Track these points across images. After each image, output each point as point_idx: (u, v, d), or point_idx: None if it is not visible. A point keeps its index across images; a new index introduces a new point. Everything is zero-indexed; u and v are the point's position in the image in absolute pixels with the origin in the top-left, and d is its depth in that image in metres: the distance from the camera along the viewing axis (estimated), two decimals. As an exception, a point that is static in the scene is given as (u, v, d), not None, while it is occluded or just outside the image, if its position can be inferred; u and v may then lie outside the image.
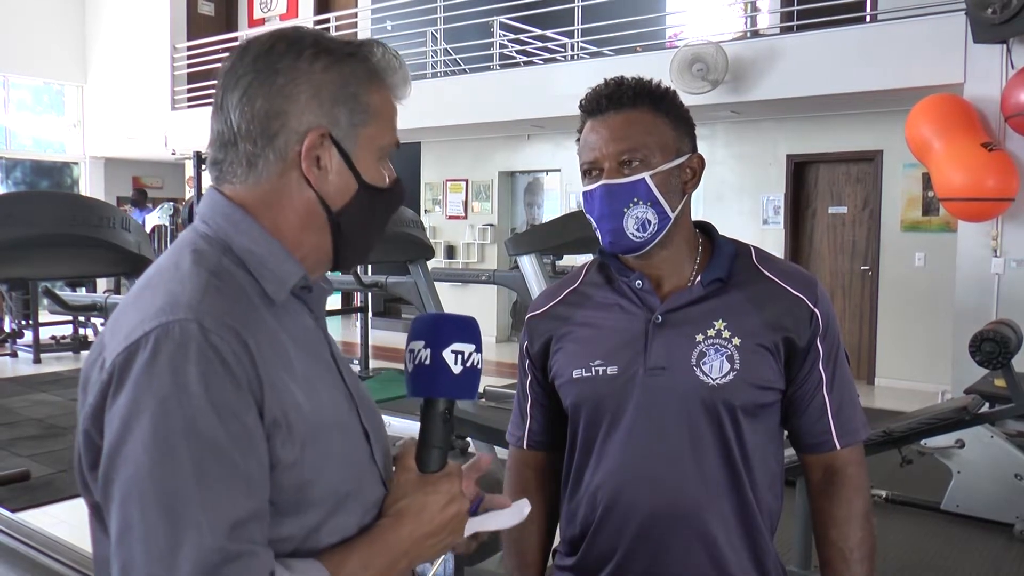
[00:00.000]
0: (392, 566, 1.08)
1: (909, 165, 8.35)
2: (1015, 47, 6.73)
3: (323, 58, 1.07)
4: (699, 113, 9.05)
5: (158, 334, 0.95)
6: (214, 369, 0.95)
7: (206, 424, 0.93)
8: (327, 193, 1.08)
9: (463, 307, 11.11)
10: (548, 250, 5.02)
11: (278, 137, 1.06)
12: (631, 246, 1.47)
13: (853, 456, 1.52)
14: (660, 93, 1.50)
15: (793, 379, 1.49)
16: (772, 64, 7.92)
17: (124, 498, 0.93)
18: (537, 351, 1.60)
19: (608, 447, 1.48)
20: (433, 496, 1.12)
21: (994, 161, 6.61)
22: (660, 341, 1.46)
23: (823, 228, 9.53)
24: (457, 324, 1.17)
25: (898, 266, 8.88)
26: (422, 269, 4.82)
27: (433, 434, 1.14)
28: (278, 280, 1.07)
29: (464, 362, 1.14)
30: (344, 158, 1.08)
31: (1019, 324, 4.80)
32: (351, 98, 1.08)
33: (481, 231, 11.99)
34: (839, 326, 1.54)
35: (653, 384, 1.45)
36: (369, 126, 1.10)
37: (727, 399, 1.43)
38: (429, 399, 1.15)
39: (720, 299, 1.48)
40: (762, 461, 1.48)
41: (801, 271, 1.55)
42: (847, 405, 1.52)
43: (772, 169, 9.62)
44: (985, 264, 7.03)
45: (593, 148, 1.47)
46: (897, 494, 5.15)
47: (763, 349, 1.45)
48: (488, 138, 11.65)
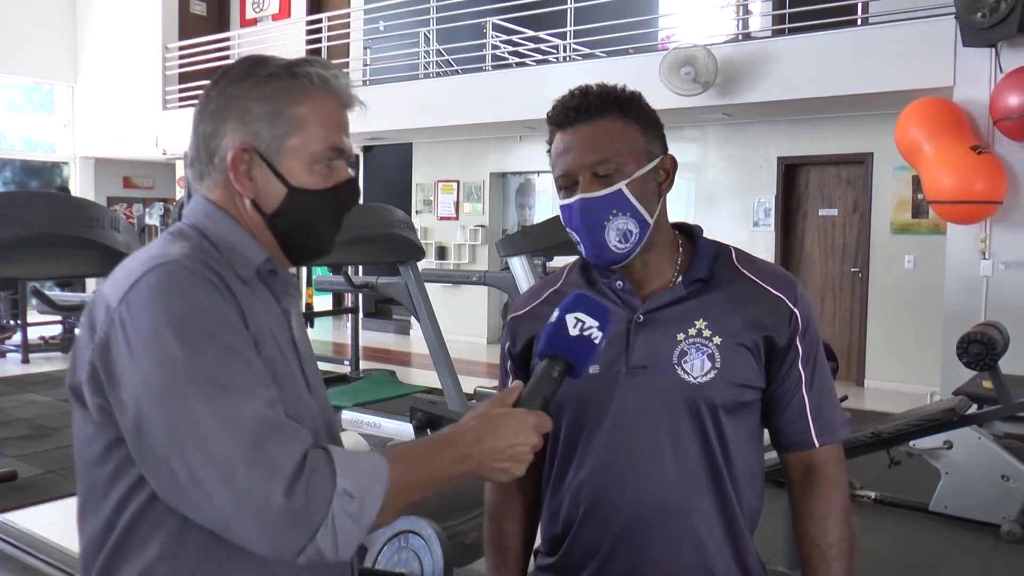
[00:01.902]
0: (455, 465, 1.18)
1: (899, 168, 8.39)
2: (1004, 51, 6.78)
3: (248, 81, 1.24)
4: (690, 115, 9.15)
5: (157, 272, 1.12)
6: (210, 291, 1.12)
7: (218, 329, 1.10)
8: (260, 198, 1.25)
9: (454, 308, 11.13)
10: (539, 251, 5.03)
11: (216, 155, 1.25)
12: (615, 258, 1.48)
13: (832, 454, 1.54)
14: (627, 99, 1.50)
15: (773, 378, 1.50)
16: (763, 67, 7.95)
17: (164, 398, 1.06)
18: (519, 351, 1.61)
19: (591, 446, 1.49)
20: (512, 417, 1.22)
21: (983, 164, 6.65)
22: (642, 341, 1.48)
23: (814, 230, 9.56)
24: (590, 301, 1.31)
25: (888, 268, 8.92)
26: (412, 270, 4.83)
27: (543, 385, 1.26)
28: (245, 260, 1.24)
29: (583, 330, 1.27)
30: (270, 167, 1.24)
31: (1007, 326, 4.83)
32: (273, 114, 1.23)
33: (472, 232, 12.00)
34: (819, 326, 1.56)
35: (635, 383, 1.47)
36: (295, 136, 1.24)
37: (708, 398, 1.45)
38: (550, 356, 1.27)
39: (701, 299, 1.50)
40: (743, 459, 1.49)
41: (781, 271, 1.57)
42: (826, 404, 1.53)
43: (763, 171, 9.65)
44: (974, 266, 7.07)
45: (566, 160, 1.47)
46: (886, 495, 5.18)
47: (743, 348, 1.47)
48: (480, 139, 11.66)
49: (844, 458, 1.58)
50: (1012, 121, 6.54)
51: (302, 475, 1.04)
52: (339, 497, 1.06)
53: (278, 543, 1.04)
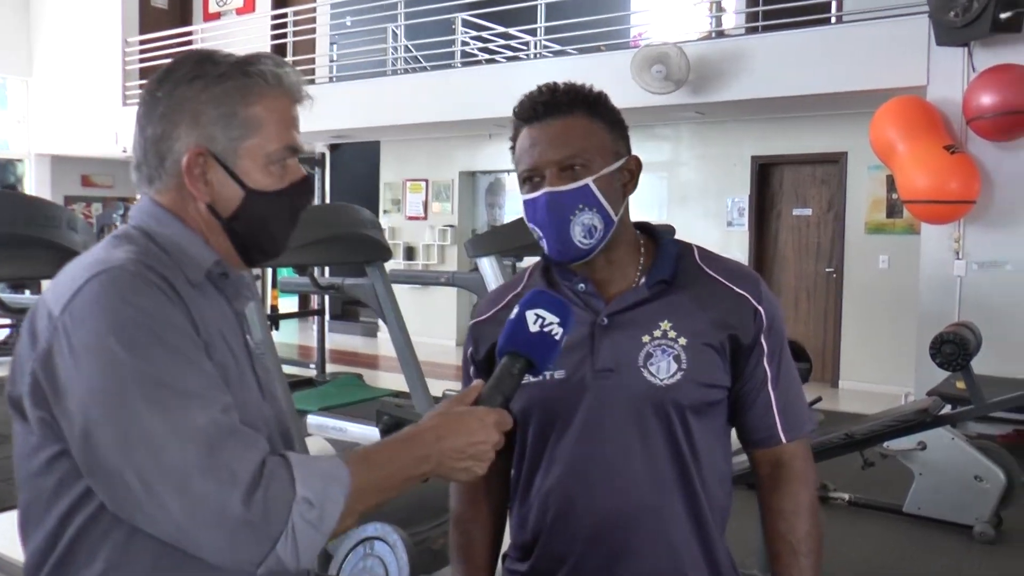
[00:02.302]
0: (416, 465, 1.19)
1: (874, 167, 8.49)
2: (976, 50, 6.88)
3: (198, 82, 1.22)
4: (663, 113, 9.21)
5: (101, 278, 1.10)
6: (156, 295, 1.11)
7: (166, 334, 1.09)
8: (216, 203, 1.25)
9: (423, 310, 11.11)
10: (508, 252, 5.02)
11: (167, 160, 1.23)
12: (578, 254, 1.50)
13: (799, 450, 1.57)
14: (594, 98, 1.52)
15: (739, 376, 1.53)
16: (737, 65, 8.02)
17: (113, 406, 1.04)
18: (483, 357, 1.62)
19: (558, 451, 1.51)
20: (472, 416, 1.24)
21: (956, 164, 6.74)
22: (607, 343, 1.49)
23: (788, 230, 9.66)
24: (550, 297, 1.34)
25: (862, 268, 9.03)
26: (380, 271, 4.81)
27: (503, 382, 1.28)
28: (195, 264, 1.23)
29: (543, 327, 1.29)
30: (227, 170, 1.23)
31: (980, 326, 4.91)
32: (227, 115, 1.22)
33: (441, 232, 11.99)
34: (784, 322, 1.59)
35: (601, 386, 1.48)
36: (251, 137, 1.24)
37: (675, 399, 1.47)
38: (510, 353, 1.28)
39: (665, 300, 1.52)
40: (711, 459, 1.52)
41: (744, 268, 1.59)
42: (792, 400, 1.57)
43: (737, 170, 9.73)
44: (948, 266, 7.17)
45: (532, 156, 1.48)
46: (859, 497, 5.24)
47: (709, 348, 1.49)
48: (449, 137, 11.66)
49: (811, 453, 1.61)
50: (985, 120, 6.64)
51: (260, 483, 1.04)
52: (299, 505, 1.06)
53: (238, 553, 1.04)
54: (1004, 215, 6.94)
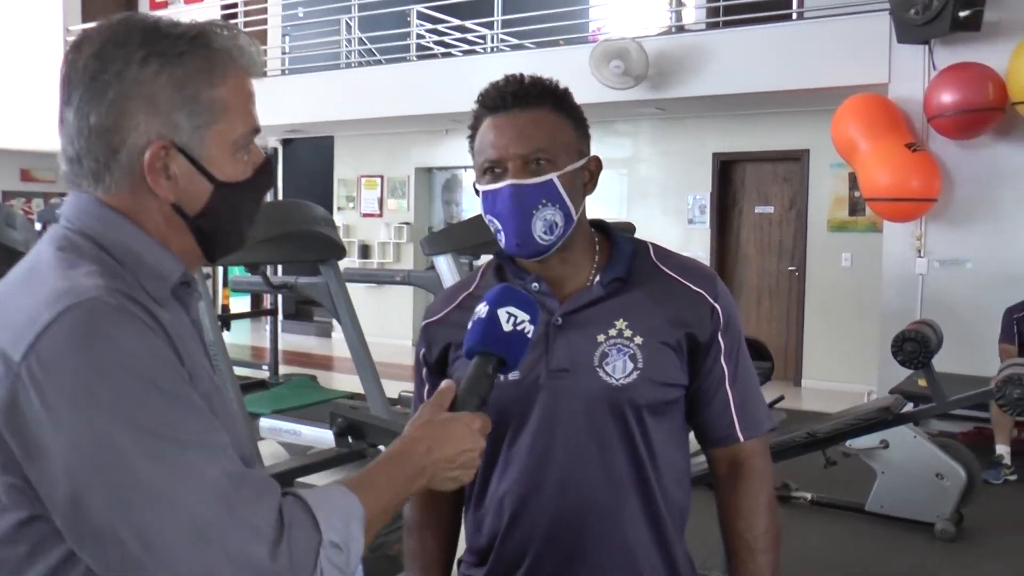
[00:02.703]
0: (412, 482, 1.16)
1: (836, 165, 8.61)
2: (937, 48, 7.02)
3: (153, 61, 1.07)
4: (622, 109, 9.26)
5: (74, 314, 0.96)
6: (141, 331, 0.99)
7: (158, 375, 0.98)
8: (181, 200, 1.11)
9: (378, 309, 11.08)
10: (465, 250, 5.02)
11: (120, 153, 1.07)
12: (538, 249, 1.49)
13: (757, 448, 1.59)
14: (562, 93, 1.53)
15: (696, 374, 1.54)
16: (698, 61, 8.10)
17: (108, 465, 0.93)
18: (435, 359, 1.62)
19: (513, 453, 1.51)
20: (459, 423, 1.22)
21: (918, 162, 6.87)
22: (561, 343, 1.50)
23: (750, 228, 9.76)
24: (519, 295, 1.33)
25: (825, 266, 9.15)
26: (334, 270, 4.80)
27: (478, 384, 1.27)
28: (158, 277, 1.10)
29: (516, 324, 1.29)
30: (192, 163, 1.10)
31: (941, 324, 5.00)
32: (190, 100, 1.08)
33: (397, 230, 11.97)
34: (741, 320, 1.60)
35: (556, 387, 1.49)
36: (217, 123, 1.11)
37: (632, 398, 1.48)
38: (481, 354, 1.28)
39: (620, 298, 1.52)
40: (668, 458, 1.53)
41: (700, 266, 1.61)
42: (750, 398, 1.59)
43: (698, 167, 9.82)
44: (910, 264, 7.30)
45: (497, 146, 1.48)
46: (822, 496, 5.32)
47: (665, 346, 1.50)
48: (404, 132, 11.64)
49: (769, 452, 1.63)
50: (946, 119, 6.77)
51: (283, 533, 0.99)
52: (326, 550, 1.01)
53: None
54: (964, 213, 7.08)
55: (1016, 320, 6.40)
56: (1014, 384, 4.16)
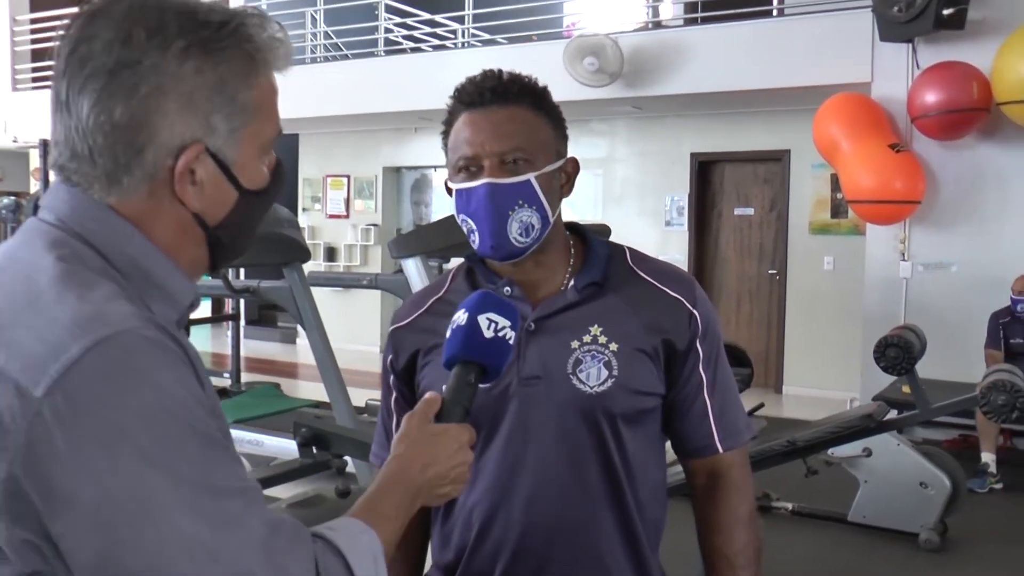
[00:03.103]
0: (412, 503, 1.16)
1: (818, 166, 8.69)
2: (920, 47, 7.09)
3: (195, 55, 0.99)
4: (598, 108, 9.29)
5: (108, 349, 0.89)
6: (178, 367, 0.93)
7: (195, 418, 0.92)
8: (204, 209, 1.04)
9: (344, 314, 11.04)
10: (435, 253, 5.01)
11: (144, 153, 0.99)
12: (512, 252, 1.50)
13: (736, 459, 1.60)
14: (541, 91, 1.53)
15: (674, 383, 1.55)
16: (676, 58, 8.14)
17: (148, 520, 0.88)
18: (403, 366, 1.62)
19: (483, 464, 1.50)
20: (448, 437, 1.21)
21: (901, 163, 6.94)
22: (534, 349, 1.50)
23: (729, 230, 9.83)
24: (498, 300, 1.33)
25: (806, 270, 9.22)
26: (298, 273, 4.78)
27: (462, 393, 1.27)
28: (169, 299, 1.03)
29: (497, 331, 1.28)
30: (223, 169, 1.03)
31: (926, 329, 5.07)
32: (229, 101, 1.02)
33: (364, 231, 11.94)
34: (719, 326, 1.61)
35: (528, 395, 1.49)
36: (250, 125, 1.05)
37: (606, 407, 1.48)
38: (463, 362, 1.28)
39: (595, 303, 1.53)
40: (644, 469, 1.54)
41: (678, 271, 1.61)
42: (729, 407, 1.59)
43: (676, 168, 9.87)
44: (893, 268, 7.38)
45: (473, 143, 1.48)
46: (803, 506, 5.35)
47: (641, 354, 1.50)
48: (372, 130, 11.63)
49: (748, 463, 1.64)
50: (930, 119, 6.85)
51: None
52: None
53: None
54: (949, 215, 7.16)
55: (1002, 325, 6.49)
56: (998, 390, 4.22)
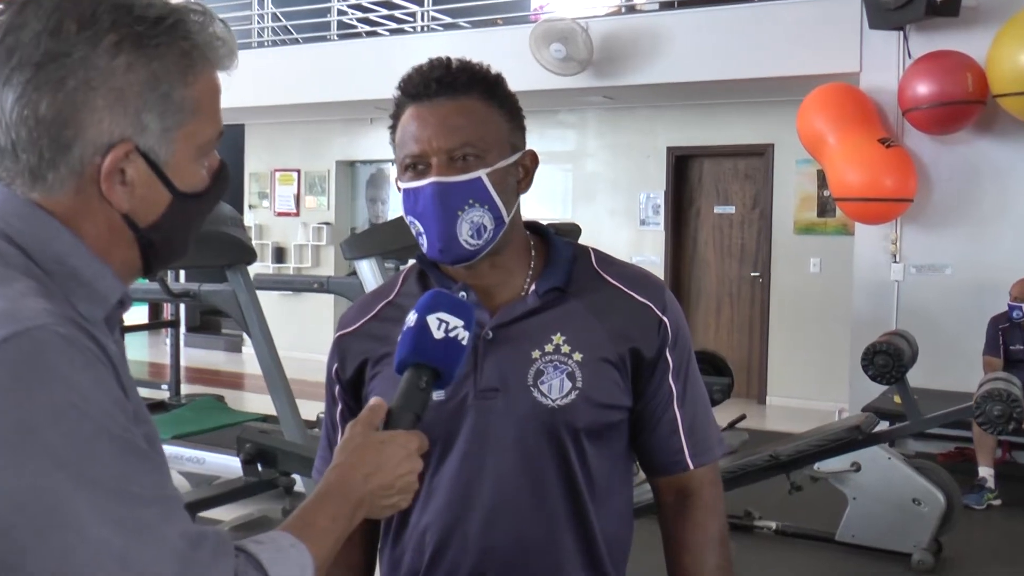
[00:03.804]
0: (353, 516, 1.17)
1: (803, 161, 8.74)
2: (912, 35, 7.15)
3: (127, 50, 1.02)
4: (567, 97, 9.30)
5: (19, 345, 0.91)
6: (94, 366, 0.95)
7: (111, 421, 0.94)
8: (134, 210, 1.06)
9: (294, 319, 10.98)
10: (391, 254, 5.00)
11: (71, 150, 1.01)
12: (463, 255, 1.49)
13: (708, 476, 1.60)
14: (494, 80, 1.53)
15: (641, 394, 1.55)
16: (650, 45, 8.15)
17: (52, 524, 0.89)
18: (350, 376, 1.60)
19: (436, 482, 1.50)
20: (395, 444, 1.22)
21: (892, 158, 6.99)
22: (492, 360, 1.50)
23: (708, 229, 9.86)
24: (451, 299, 1.34)
25: (791, 272, 9.27)
26: (242, 275, 4.75)
27: (412, 399, 1.28)
28: (95, 298, 1.05)
29: (448, 331, 1.29)
30: (154, 169, 1.06)
31: (919, 334, 5.10)
32: (163, 99, 1.05)
33: (316, 231, 11.89)
34: (690, 335, 1.62)
35: (485, 408, 1.48)
36: (186, 125, 1.08)
37: (569, 421, 1.48)
38: (413, 366, 1.29)
39: (558, 310, 1.53)
40: (608, 488, 1.54)
41: (646, 274, 1.62)
42: (700, 421, 1.60)
43: (651, 163, 9.89)
44: (884, 270, 7.43)
45: (420, 139, 1.47)
46: (787, 525, 5.37)
47: (607, 364, 1.50)
48: (324, 121, 11.58)
49: (720, 479, 1.65)
50: (921, 111, 6.90)
51: None
52: None
53: None
54: (943, 215, 7.22)
55: (1002, 331, 6.49)
56: (994, 400, 4.25)
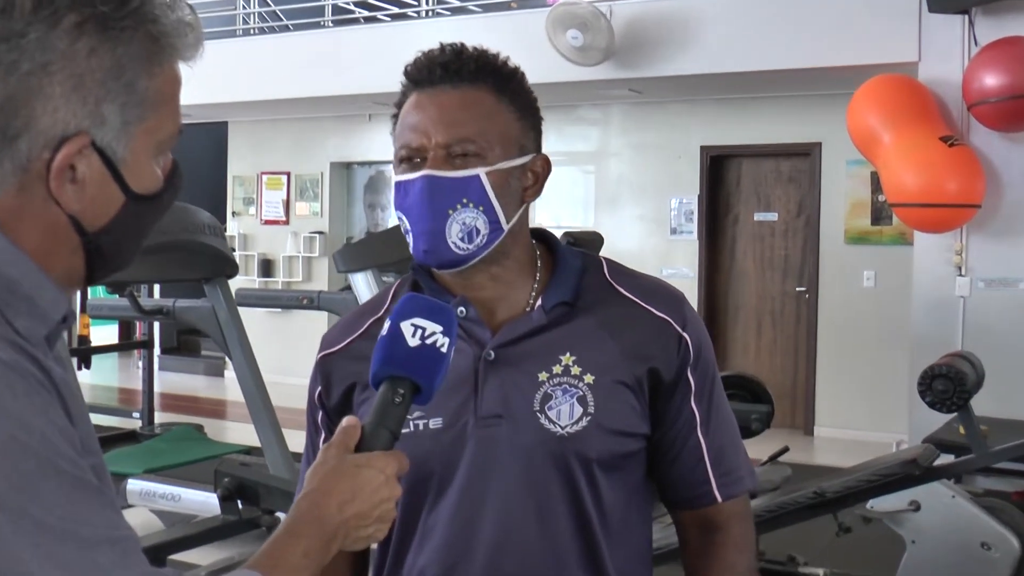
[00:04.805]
0: (327, 550, 1.18)
1: (854, 162, 8.71)
2: (978, 19, 7.09)
3: (89, 32, 1.01)
4: (589, 90, 9.30)
5: None
6: (38, 394, 0.96)
7: (57, 454, 0.95)
8: (83, 212, 1.05)
9: (280, 339, 11.00)
10: (390, 266, 4.99)
11: (18, 141, 1.00)
12: (451, 258, 1.51)
13: (737, 509, 1.60)
14: (508, 72, 1.54)
15: (661, 420, 1.55)
16: (681, 31, 8.14)
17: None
18: (336, 401, 1.62)
19: (434, 519, 1.51)
20: (371, 469, 1.22)
21: (955, 159, 6.92)
22: (494, 383, 1.50)
23: (747, 239, 9.85)
24: (427, 303, 1.34)
25: (842, 287, 9.23)
26: (221, 290, 4.75)
27: (387, 416, 1.27)
28: (37, 313, 1.04)
29: (424, 338, 1.29)
30: (109, 167, 1.05)
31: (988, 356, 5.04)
32: (125, 89, 1.04)
33: (307, 241, 11.91)
34: (713, 352, 1.62)
35: (488, 437, 1.49)
36: (147, 120, 1.07)
37: (581, 451, 1.48)
38: (390, 379, 1.29)
39: (567, 327, 1.54)
40: (625, 525, 1.54)
41: (665, 286, 1.63)
42: (728, 448, 1.60)
43: (682, 164, 9.87)
44: (947, 284, 7.35)
45: (417, 130, 1.49)
46: (836, 571, 5.30)
47: (622, 386, 1.51)
48: (317, 118, 11.62)
49: (750, 513, 1.65)
50: (989, 106, 6.84)
51: None
52: None
53: None
54: (1015, 222, 7.14)
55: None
56: (1073, 432, 4.19)
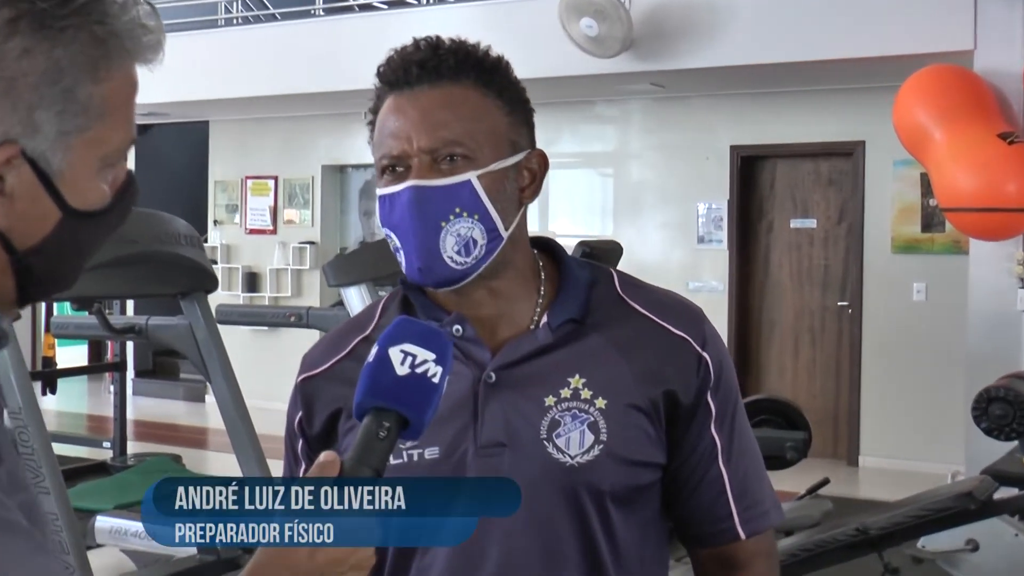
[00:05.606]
0: None
1: (901, 162, 8.72)
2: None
3: (24, 31, 1.01)
4: (605, 84, 9.33)
5: None
6: None
7: None
8: (11, 228, 1.05)
9: (266, 360, 11.01)
10: (385, 279, 4.99)
11: None
12: (448, 276, 1.51)
13: (762, 546, 1.61)
14: (491, 63, 1.54)
15: (678, 448, 1.55)
16: (708, 19, 8.16)
17: None
18: (318, 429, 1.62)
19: (429, 559, 1.51)
20: None
21: (1016, 158, 6.89)
22: (495, 408, 1.51)
23: (783, 248, 9.85)
24: (419, 328, 1.33)
25: (889, 300, 9.24)
26: (200, 306, 4.74)
27: (370, 451, 1.25)
28: None
29: (414, 366, 1.27)
30: (43, 179, 1.04)
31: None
32: (63, 96, 1.03)
33: (297, 252, 11.95)
34: (735, 373, 1.62)
35: (489, 468, 1.49)
36: (89, 130, 1.06)
37: (592, 483, 1.49)
38: (375, 410, 1.26)
39: (575, 346, 1.54)
40: (639, 564, 1.54)
41: (682, 301, 1.63)
42: (752, 479, 1.60)
43: (710, 166, 9.89)
44: (1007, 297, 7.34)
45: (398, 136, 1.49)
46: (883, 620, 5.29)
47: (637, 411, 1.51)
48: (308, 116, 11.67)
49: (776, 550, 1.66)
50: (1054, 98, 6.84)
51: None
52: None
53: None
54: (1081, 228, 7.13)
55: None
56: None
